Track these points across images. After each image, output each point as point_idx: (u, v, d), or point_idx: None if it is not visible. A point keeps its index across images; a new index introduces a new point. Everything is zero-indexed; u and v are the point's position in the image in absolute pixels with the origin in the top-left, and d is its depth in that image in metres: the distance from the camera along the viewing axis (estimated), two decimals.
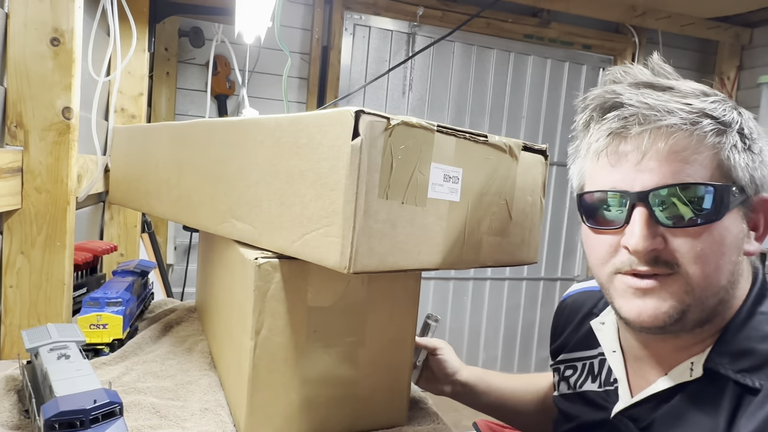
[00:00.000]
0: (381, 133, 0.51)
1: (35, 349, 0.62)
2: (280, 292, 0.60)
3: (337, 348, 0.64)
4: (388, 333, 0.67)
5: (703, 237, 0.53)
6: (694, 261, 0.53)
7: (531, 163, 0.69)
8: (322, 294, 0.62)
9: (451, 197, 0.59)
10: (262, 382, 0.60)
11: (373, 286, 0.65)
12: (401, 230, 0.55)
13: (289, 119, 0.59)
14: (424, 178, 0.56)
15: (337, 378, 0.64)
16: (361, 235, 0.51)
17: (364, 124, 0.50)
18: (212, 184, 0.73)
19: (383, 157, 0.52)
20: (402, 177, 0.54)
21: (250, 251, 0.62)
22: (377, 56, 2.58)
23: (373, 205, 0.52)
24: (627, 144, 0.55)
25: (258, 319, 0.59)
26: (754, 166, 0.55)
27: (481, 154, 0.62)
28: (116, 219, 1.56)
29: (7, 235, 0.86)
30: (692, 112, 0.53)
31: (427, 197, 0.57)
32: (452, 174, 0.59)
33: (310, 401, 0.63)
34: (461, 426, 2.41)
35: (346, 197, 0.50)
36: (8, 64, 0.84)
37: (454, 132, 0.58)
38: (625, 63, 0.67)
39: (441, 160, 0.57)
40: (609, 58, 2.89)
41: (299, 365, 0.62)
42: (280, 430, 0.63)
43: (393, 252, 0.54)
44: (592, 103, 0.59)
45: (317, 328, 0.62)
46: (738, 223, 0.55)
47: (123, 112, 1.54)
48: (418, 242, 0.57)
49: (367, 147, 0.50)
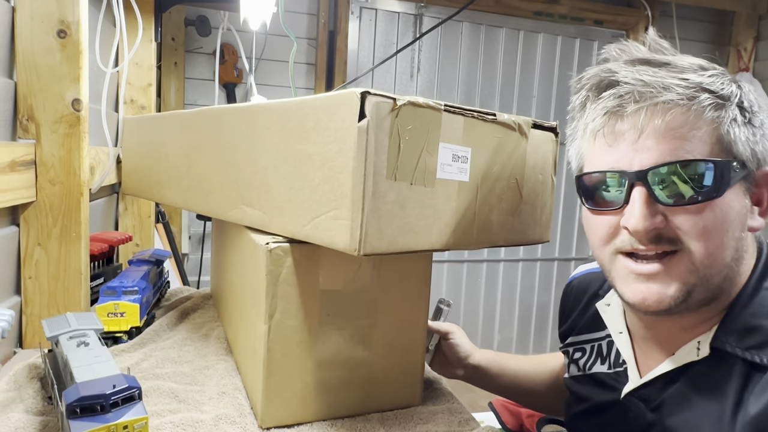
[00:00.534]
0: (387, 114, 0.51)
1: (55, 337, 0.64)
2: (292, 276, 0.60)
3: (349, 330, 0.64)
4: (401, 315, 0.67)
5: (704, 214, 0.52)
6: (697, 238, 0.52)
7: (541, 140, 0.68)
8: (334, 277, 0.62)
9: (461, 177, 0.59)
10: (277, 366, 0.61)
11: (384, 268, 0.65)
12: (411, 211, 0.54)
13: (296, 103, 0.59)
14: (432, 158, 0.56)
15: (351, 360, 0.65)
16: (370, 216, 0.51)
17: (370, 106, 0.49)
18: (222, 171, 0.73)
19: (390, 138, 0.52)
20: (410, 158, 0.53)
21: (261, 237, 0.62)
22: (384, 39, 2.56)
23: (382, 187, 0.52)
24: (624, 123, 0.54)
25: (271, 304, 0.60)
26: (755, 140, 0.54)
27: (489, 132, 0.61)
28: (130, 210, 1.57)
29: (24, 228, 0.88)
30: (689, 87, 0.52)
31: (436, 178, 0.56)
32: (461, 154, 0.58)
33: (324, 383, 0.64)
34: (477, 406, 2.43)
35: (354, 179, 0.50)
36: (17, 58, 0.85)
37: (461, 111, 0.57)
38: (638, 37, 0.66)
39: (449, 140, 0.57)
40: (621, 33, 2.84)
41: (313, 348, 0.63)
42: (296, 412, 0.63)
43: (403, 233, 0.54)
44: (587, 83, 0.57)
45: (330, 312, 0.63)
46: (740, 198, 0.54)
47: (132, 103, 1.54)
48: (428, 223, 0.56)
49: (374, 128, 0.50)
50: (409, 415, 0.67)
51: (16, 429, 0.58)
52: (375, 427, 0.64)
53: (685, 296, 0.53)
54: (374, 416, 0.66)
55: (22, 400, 0.64)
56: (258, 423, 0.63)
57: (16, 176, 0.81)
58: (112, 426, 0.48)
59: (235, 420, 0.62)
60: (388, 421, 0.65)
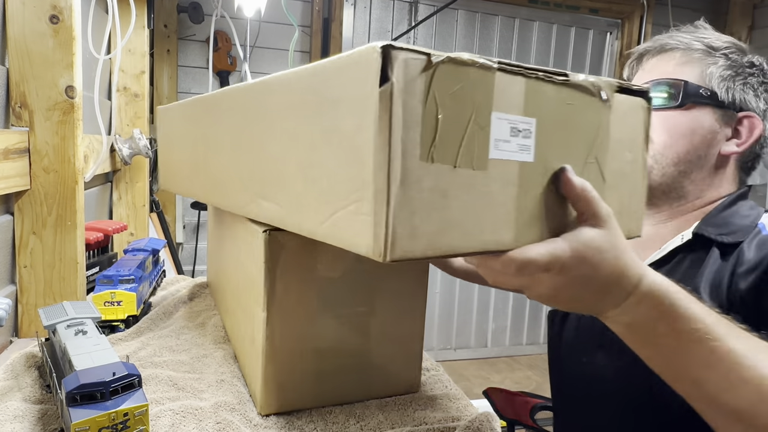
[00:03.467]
0: (419, 74, 0.39)
1: (53, 326, 0.63)
2: (290, 263, 0.60)
3: (348, 318, 0.64)
4: (399, 301, 0.67)
5: (670, 116, 0.72)
6: (658, 130, 0.72)
7: (629, 108, 0.54)
8: (332, 265, 0.62)
9: (522, 157, 0.46)
10: (275, 353, 0.61)
11: None
12: (455, 202, 0.42)
13: (309, 70, 0.49)
14: (483, 133, 0.43)
15: (349, 348, 0.65)
16: (398, 210, 0.39)
17: (395, 64, 0.38)
18: (236, 160, 0.66)
19: (425, 107, 0.39)
20: (453, 133, 0.41)
21: (258, 224, 0.62)
22: (379, 27, 2.54)
23: (414, 171, 0.40)
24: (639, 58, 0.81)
25: (269, 291, 0.60)
26: (734, 87, 0.72)
27: (560, 98, 0.48)
28: (124, 199, 1.56)
29: (18, 216, 0.87)
30: (691, 42, 0.74)
31: (489, 158, 0.43)
32: (522, 126, 0.45)
33: (323, 371, 0.64)
34: (472, 394, 2.45)
35: (377, 162, 0.39)
36: (9, 43, 0.84)
37: (521, 70, 0.44)
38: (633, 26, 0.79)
39: (506, 109, 0.44)
40: (616, 22, 2.83)
41: (311, 335, 0.63)
42: (295, 399, 0.64)
43: (446, 231, 0.42)
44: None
45: (328, 299, 0.63)
46: (711, 120, 0.72)
47: (125, 91, 1.53)
48: (479, 217, 0.43)
49: (401, 94, 0.38)
50: (407, 402, 0.67)
51: (15, 417, 0.58)
52: (374, 414, 0.64)
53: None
54: (373, 403, 0.67)
55: (20, 388, 0.64)
56: (257, 410, 0.63)
57: (10, 164, 0.80)
58: (112, 413, 0.48)
59: (234, 407, 0.62)
60: (386, 408, 0.66)
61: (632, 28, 2.80)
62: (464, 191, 0.42)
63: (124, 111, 1.53)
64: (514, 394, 1.54)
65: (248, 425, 0.60)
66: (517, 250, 0.43)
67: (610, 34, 2.85)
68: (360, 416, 0.63)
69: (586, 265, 0.43)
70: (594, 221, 0.45)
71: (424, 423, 0.63)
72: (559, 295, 0.44)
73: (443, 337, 2.94)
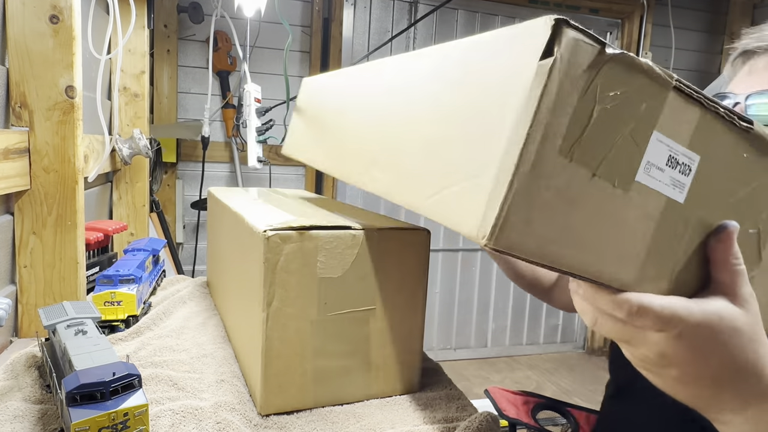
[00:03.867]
0: (587, 63, 0.34)
1: (53, 326, 0.63)
2: (290, 263, 0.60)
3: (348, 318, 0.64)
4: (399, 301, 0.67)
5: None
6: None
7: None
8: (332, 265, 0.62)
9: (673, 193, 0.39)
10: (275, 353, 0.61)
11: (383, 254, 0.65)
12: (582, 213, 0.36)
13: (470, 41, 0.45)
14: (637, 150, 0.37)
15: (350, 347, 0.65)
16: (519, 197, 0.34)
17: (564, 42, 0.33)
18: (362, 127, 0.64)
19: (582, 96, 0.35)
20: (603, 137, 0.36)
21: (259, 224, 0.62)
22: (379, 26, 2.54)
23: (549, 162, 0.35)
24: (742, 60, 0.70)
25: (269, 291, 0.60)
26: None
27: (735, 145, 0.41)
28: (125, 199, 1.57)
29: (18, 216, 0.87)
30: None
31: (635, 179, 0.38)
32: (683, 159, 0.39)
33: (323, 370, 0.64)
34: (472, 394, 2.45)
35: (511, 139, 0.35)
36: (8, 43, 0.84)
37: (700, 98, 0.39)
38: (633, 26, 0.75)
39: (670, 133, 0.38)
40: (617, 22, 2.83)
41: (311, 335, 0.63)
42: (295, 399, 0.64)
43: (561, 240, 0.36)
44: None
45: (328, 299, 0.63)
46: None
47: (126, 91, 1.53)
48: (603, 240, 0.38)
49: (562, 74, 0.34)
50: (408, 402, 0.67)
51: (15, 417, 0.58)
52: (374, 414, 0.64)
53: None
54: (374, 402, 0.67)
55: (20, 388, 0.64)
56: (257, 410, 0.63)
57: (10, 164, 0.80)
58: (112, 413, 0.48)
59: (234, 407, 0.62)
60: (387, 408, 0.66)
61: (632, 28, 2.80)
62: (596, 205, 0.37)
63: (124, 111, 1.53)
64: (516, 393, 1.54)
65: (248, 425, 0.60)
66: (636, 293, 0.37)
67: (610, 34, 2.85)
68: (360, 416, 0.63)
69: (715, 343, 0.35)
70: (732, 298, 0.37)
71: (424, 423, 0.63)
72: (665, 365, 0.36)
73: (443, 336, 2.94)
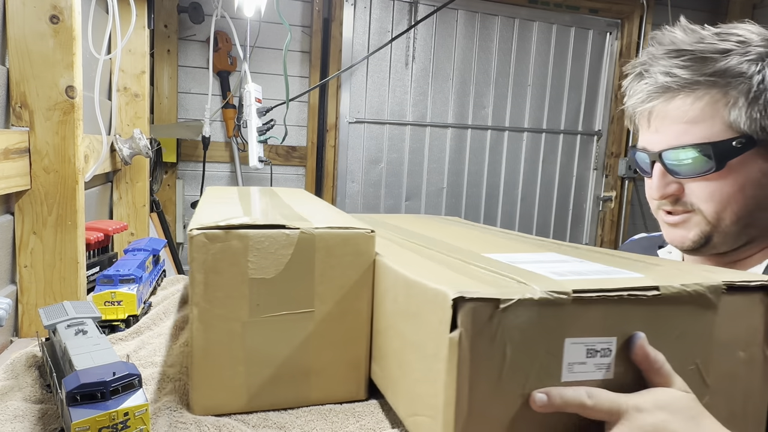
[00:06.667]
0: (488, 318, 0.42)
1: (53, 325, 0.63)
2: (218, 263, 0.58)
3: (283, 320, 0.61)
4: (341, 303, 0.63)
5: (711, 182, 0.64)
6: (705, 202, 0.65)
7: (742, 307, 0.49)
8: (265, 265, 0.59)
9: (600, 375, 0.45)
10: (203, 354, 0.59)
11: (322, 254, 0.62)
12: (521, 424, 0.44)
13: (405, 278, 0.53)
14: (555, 359, 0.44)
15: (286, 351, 0.62)
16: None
17: (464, 314, 0.41)
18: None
19: (493, 344, 0.42)
20: (522, 363, 0.43)
21: (195, 223, 0.59)
22: (379, 27, 2.54)
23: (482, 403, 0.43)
24: (643, 115, 0.69)
25: (196, 291, 0.58)
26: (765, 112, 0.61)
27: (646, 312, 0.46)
28: (125, 199, 1.57)
29: (18, 216, 0.87)
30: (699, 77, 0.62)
31: (561, 381, 0.44)
32: (601, 347, 0.45)
33: (257, 374, 0.61)
34: None
35: (447, 396, 0.43)
36: (9, 43, 0.84)
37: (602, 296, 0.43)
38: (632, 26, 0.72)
39: (582, 333, 0.44)
40: (616, 22, 2.83)
41: (243, 338, 0.60)
42: (227, 402, 0.61)
43: None
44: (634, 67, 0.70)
45: (260, 301, 0.60)
46: (758, 164, 0.63)
47: (126, 91, 1.53)
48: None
49: (470, 339, 0.42)
50: (350, 410, 0.63)
51: (15, 417, 0.58)
52: (313, 420, 0.60)
53: (704, 240, 0.67)
54: (314, 409, 0.63)
55: (21, 388, 0.64)
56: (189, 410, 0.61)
57: (10, 164, 0.80)
58: (112, 413, 0.48)
59: (175, 407, 0.61)
60: (326, 415, 0.62)
61: (632, 28, 2.80)
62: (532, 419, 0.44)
63: (124, 111, 1.53)
64: None
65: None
66: None
67: (610, 34, 2.85)
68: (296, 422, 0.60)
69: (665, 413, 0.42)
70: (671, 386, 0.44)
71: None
72: None
73: None
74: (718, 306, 0.48)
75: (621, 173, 2.90)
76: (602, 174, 2.95)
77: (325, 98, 2.47)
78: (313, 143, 2.49)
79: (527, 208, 2.88)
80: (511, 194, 2.84)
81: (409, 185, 2.70)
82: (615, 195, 2.93)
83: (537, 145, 2.83)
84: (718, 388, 0.49)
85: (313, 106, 2.48)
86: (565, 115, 2.84)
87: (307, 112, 2.49)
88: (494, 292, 0.42)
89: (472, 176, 2.77)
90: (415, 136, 2.66)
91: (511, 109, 2.77)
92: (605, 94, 2.89)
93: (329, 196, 2.55)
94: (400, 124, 2.63)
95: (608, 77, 2.87)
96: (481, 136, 2.75)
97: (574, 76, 2.82)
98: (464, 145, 2.74)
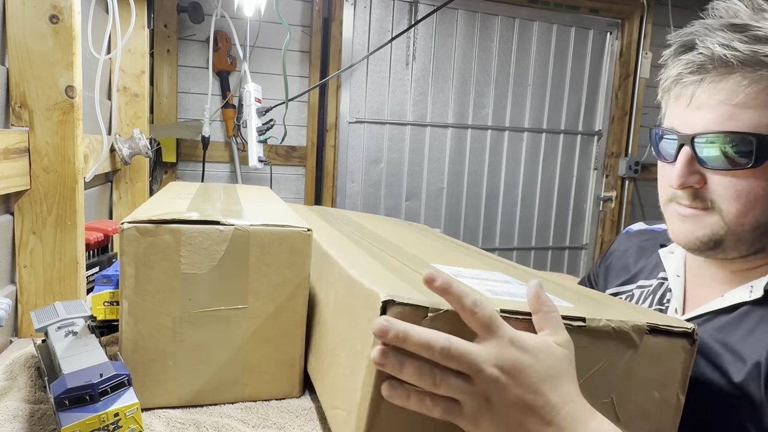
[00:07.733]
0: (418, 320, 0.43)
1: (44, 328, 0.63)
2: (149, 257, 0.58)
3: (216, 316, 0.61)
4: (276, 300, 0.63)
5: (739, 180, 0.57)
6: (728, 200, 0.58)
7: (664, 350, 0.51)
8: (197, 260, 0.59)
9: None
10: (134, 347, 0.59)
11: (257, 251, 0.61)
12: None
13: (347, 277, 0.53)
14: None
15: (219, 347, 0.62)
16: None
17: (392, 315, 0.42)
18: None
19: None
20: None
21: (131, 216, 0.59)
22: (379, 26, 2.54)
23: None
24: (687, 88, 0.60)
25: (126, 284, 0.58)
26: None
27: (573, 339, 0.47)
28: (124, 198, 1.57)
29: (18, 216, 0.87)
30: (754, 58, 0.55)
31: None
32: None
33: (190, 369, 0.61)
34: None
35: (363, 393, 0.44)
36: (9, 43, 0.84)
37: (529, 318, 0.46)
38: (633, 27, 0.67)
39: None
40: (617, 22, 2.83)
41: (175, 333, 0.60)
42: (157, 396, 0.61)
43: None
44: (677, 39, 0.62)
45: (192, 296, 0.60)
46: None
47: (125, 90, 1.53)
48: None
49: None
50: (284, 407, 0.63)
51: (14, 417, 0.58)
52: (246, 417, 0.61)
53: (714, 243, 0.60)
54: (249, 405, 0.63)
55: (19, 389, 0.64)
56: None
57: (10, 164, 0.80)
58: (102, 415, 0.47)
59: None
60: (257, 410, 0.62)
61: (632, 28, 2.80)
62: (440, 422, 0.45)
63: (124, 111, 1.53)
64: None
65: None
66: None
67: (610, 34, 2.85)
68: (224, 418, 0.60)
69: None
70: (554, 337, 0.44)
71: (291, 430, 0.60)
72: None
73: None
74: (640, 345, 0.49)
75: (621, 173, 2.90)
76: (602, 174, 2.95)
77: (325, 98, 2.47)
78: (312, 143, 2.49)
79: (527, 208, 2.88)
80: (512, 194, 2.84)
81: (409, 185, 2.69)
82: (615, 195, 2.93)
83: (537, 145, 2.83)
84: (629, 424, 0.50)
85: (313, 106, 2.48)
86: (565, 115, 2.84)
87: (306, 111, 2.49)
88: (425, 300, 0.43)
89: (473, 176, 2.77)
90: (415, 136, 2.66)
91: (511, 109, 2.77)
92: (605, 94, 2.89)
93: (329, 196, 2.55)
94: (400, 124, 2.63)
95: (608, 77, 2.87)
96: (481, 136, 2.75)
97: (574, 76, 2.82)
98: (464, 145, 2.74)
